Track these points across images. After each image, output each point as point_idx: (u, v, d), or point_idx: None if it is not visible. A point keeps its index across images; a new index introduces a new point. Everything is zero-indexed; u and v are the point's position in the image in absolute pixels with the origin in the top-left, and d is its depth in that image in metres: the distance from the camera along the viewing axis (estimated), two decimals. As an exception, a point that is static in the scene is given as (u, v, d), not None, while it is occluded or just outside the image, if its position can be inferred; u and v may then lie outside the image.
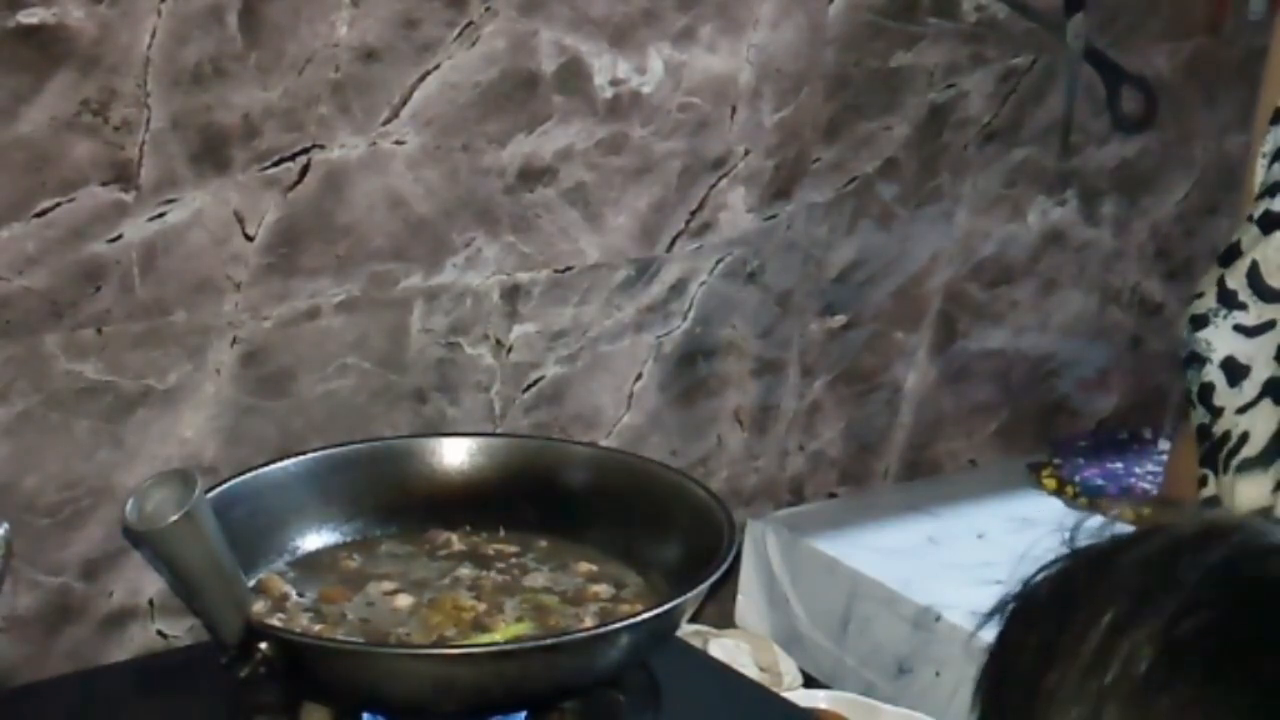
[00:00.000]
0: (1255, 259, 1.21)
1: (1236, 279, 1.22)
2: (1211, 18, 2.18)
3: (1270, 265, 1.20)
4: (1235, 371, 1.21)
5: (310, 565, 1.57)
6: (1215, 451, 1.23)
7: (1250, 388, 1.21)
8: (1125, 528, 0.78)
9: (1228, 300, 1.22)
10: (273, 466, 1.59)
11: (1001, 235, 2.12)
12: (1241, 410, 1.21)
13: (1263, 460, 1.20)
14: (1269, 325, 1.20)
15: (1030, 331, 2.18)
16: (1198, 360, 1.23)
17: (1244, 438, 1.21)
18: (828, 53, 1.90)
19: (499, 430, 1.78)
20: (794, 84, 1.88)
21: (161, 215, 1.55)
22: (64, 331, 1.53)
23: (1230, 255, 1.24)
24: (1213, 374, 1.23)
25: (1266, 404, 1.20)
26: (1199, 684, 0.66)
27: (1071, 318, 2.22)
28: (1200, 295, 1.25)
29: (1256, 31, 2.13)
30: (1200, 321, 1.24)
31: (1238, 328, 1.21)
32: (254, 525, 1.53)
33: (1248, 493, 1.21)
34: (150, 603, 1.64)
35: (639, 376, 1.88)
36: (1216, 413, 1.23)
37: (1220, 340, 1.22)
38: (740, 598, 1.97)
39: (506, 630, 1.47)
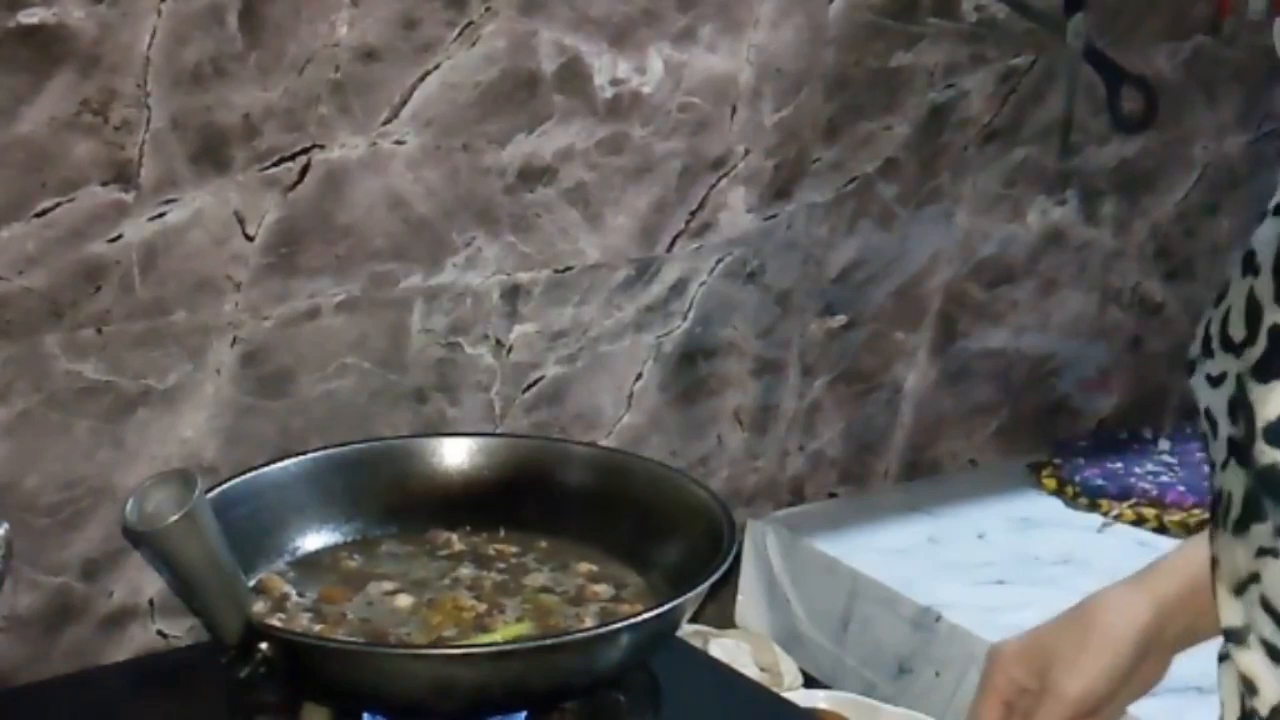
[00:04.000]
0: (1230, 305, 1.15)
1: (1216, 323, 1.16)
2: (1211, 18, 2.18)
3: (1237, 312, 1.08)
4: (1212, 426, 1.15)
5: (310, 565, 1.57)
6: (1216, 505, 1.18)
7: (1221, 445, 1.15)
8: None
9: (1205, 346, 1.16)
10: (273, 466, 1.59)
11: (1001, 235, 2.11)
12: (1221, 467, 1.15)
13: (1241, 525, 1.13)
14: (1222, 378, 1.14)
15: (1030, 331, 2.18)
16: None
17: (1230, 498, 1.15)
18: (828, 53, 1.90)
19: (499, 430, 1.78)
20: (794, 84, 1.88)
21: (161, 215, 1.55)
22: (64, 331, 1.53)
23: (1221, 293, 1.18)
24: (1204, 425, 1.17)
25: (1234, 464, 1.13)
26: None
27: (1071, 318, 2.21)
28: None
29: (1256, 31, 2.13)
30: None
31: (1208, 378, 1.15)
32: (254, 525, 1.52)
33: (1237, 555, 1.15)
34: (150, 603, 1.64)
35: (639, 376, 1.88)
36: (1212, 466, 1.18)
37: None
38: (740, 598, 1.97)
39: (506, 630, 1.47)
